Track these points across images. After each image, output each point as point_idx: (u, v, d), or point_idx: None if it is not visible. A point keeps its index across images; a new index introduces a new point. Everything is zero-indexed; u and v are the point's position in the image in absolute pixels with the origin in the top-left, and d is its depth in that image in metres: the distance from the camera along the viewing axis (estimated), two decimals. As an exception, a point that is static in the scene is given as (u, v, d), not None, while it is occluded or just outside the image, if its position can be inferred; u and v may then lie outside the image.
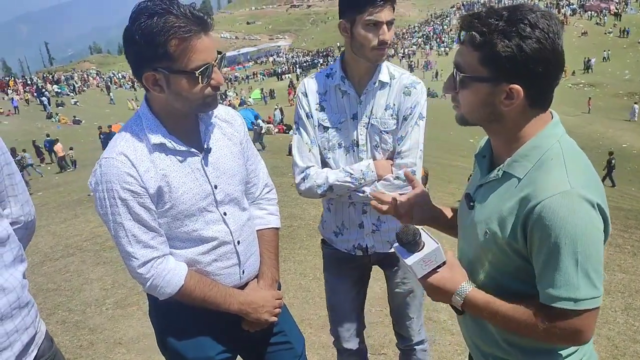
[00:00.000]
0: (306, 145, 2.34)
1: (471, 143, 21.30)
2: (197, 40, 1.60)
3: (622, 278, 5.27)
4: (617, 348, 3.86)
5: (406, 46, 75.03)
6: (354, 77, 2.29)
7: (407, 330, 2.58)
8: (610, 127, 31.45)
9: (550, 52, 1.25)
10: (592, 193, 1.24)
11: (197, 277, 1.81)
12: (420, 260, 1.42)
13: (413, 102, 2.27)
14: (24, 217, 1.76)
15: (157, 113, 1.76)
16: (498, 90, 1.31)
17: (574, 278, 1.24)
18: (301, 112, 2.36)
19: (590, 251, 1.23)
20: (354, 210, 2.38)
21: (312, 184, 2.29)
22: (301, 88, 2.40)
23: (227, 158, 1.89)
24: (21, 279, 1.58)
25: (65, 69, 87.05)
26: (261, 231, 2.08)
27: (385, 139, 2.30)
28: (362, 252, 2.43)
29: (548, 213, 1.23)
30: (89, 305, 5.07)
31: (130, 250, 1.72)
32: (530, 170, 1.33)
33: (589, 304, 1.26)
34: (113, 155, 1.68)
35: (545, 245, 1.25)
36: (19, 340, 1.53)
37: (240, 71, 79.21)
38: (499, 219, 1.35)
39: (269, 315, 1.94)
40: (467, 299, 1.41)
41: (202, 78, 1.64)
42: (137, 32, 1.57)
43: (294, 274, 5.49)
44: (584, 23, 65.36)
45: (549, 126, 1.36)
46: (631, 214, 9.91)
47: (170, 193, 1.74)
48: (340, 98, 2.33)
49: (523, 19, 1.25)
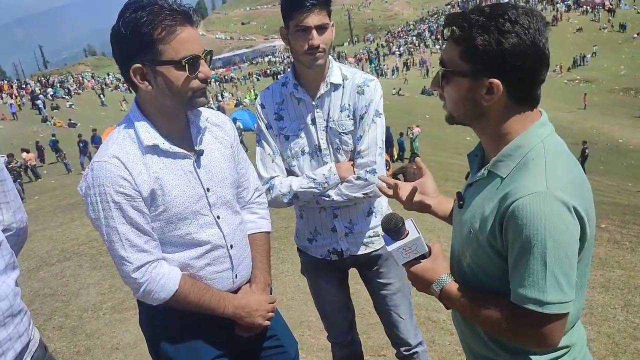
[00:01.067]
0: (269, 156, 2.35)
1: (468, 141, 21.30)
2: (183, 30, 1.61)
3: (620, 274, 5.26)
4: (617, 345, 3.84)
5: (401, 44, 75.09)
6: (306, 82, 2.30)
7: (402, 334, 2.54)
8: (605, 123, 31.56)
9: (529, 47, 1.25)
10: (570, 195, 1.23)
11: (191, 282, 1.79)
12: (401, 248, 1.50)
13: (367, 100, 2.28)
14: (16, 224, 1.75)
15: (148, 115, 1.74)
16: (478, 85, 1.31)
17: (542, 280, 1.23)
18: (261, 124, 2.37)
19: (560, 255, 1.21)
20: (325, 215, 2.39)
21: (277, 193, 2.31)
22: (259, 100, 2.42)
23: (218, 161, 1.87)
24: (14, 287, 1.57)
25: (60, 72, 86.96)
26: (253, 235, 2.06)
27: (345, 140, 2.31)
28: (337, 256, 2.43)
29: (521, 212, 1.22)
30: (86, 310, 5.05)
31: (124, 254, 1.69)
32: (513, 170, 1.33)
33: (556, 308, 1.24)
34: (105, 159, 1.66)
35: (517, 244, 1.25)
36: (12, 349, 1.51)
37: (236, 72, 79.21)
38: (481, 219, 1.35)
39: (263, 319, 1.93)
40: (444, 290, 1.46)
41: (190, 68, 1.63)
42: (123, 25, 1.59)
43: (292, 276, 5.46)
44: (579, 19, 65.52)
45: (534, 126, 1.35)
46: (628, 209, 9.91)
47: (163, 196, 1.72)
48: (296, 105, 2.34)
49: (503, 15, 1.26)
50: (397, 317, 2.52)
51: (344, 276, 2.63)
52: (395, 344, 2.62)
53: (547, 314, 1.25)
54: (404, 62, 60.08)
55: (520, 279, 1.26)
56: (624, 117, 33.55)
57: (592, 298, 4.66)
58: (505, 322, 1.32)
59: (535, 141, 1.33)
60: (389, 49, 73.60)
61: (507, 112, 1.34)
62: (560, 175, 1.26)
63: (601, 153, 24.74)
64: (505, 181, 1.33)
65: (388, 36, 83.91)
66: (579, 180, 1.31)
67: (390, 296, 2.50)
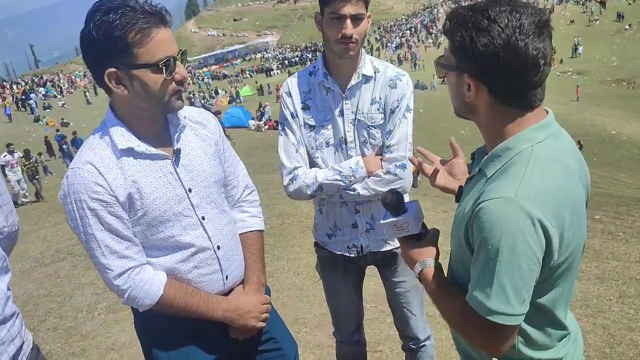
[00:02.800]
0: (293, 146, 2.30)
1: (462, 134, 21.31)
2: (157, 32, 1.57)
3: (615, 266, 5.27)
4: (613, 337, 3.85)
5: (393, 39, 75.00)
6: (337, 73, 2.25)
7: (412, 329, 2.54)
8: (598, 115, 31.61)
9: (501, 48, 1.20)
10: (538, 208, 1.18)
11: (177, 286, 1.75)
12: (392, 223, 1.55)
13: (399, 94, 2.23)
14: (8, 227, 1.74)
15: (122, 117, 1.70)
16: (461, 81, 1.31)
17: (488, 286, 1.22)
18: (286, 113, 2.32)
19: (512, 265, 1.18)
20: (347, 210, 2.33)
21: (300, 184, 2.25)
22: (285, 88, 2.36)
23: (200, 160, 1.82)
24: (6, 291, 1.56)
25: (52, 71, 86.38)
26: (244, 234, 2.02)
27: (373, 134, 2.26)
28: (357, 252, 2.39)
29: (483, 214, 1.21)
30: (81, 311, 5.02)
31: (105, 261, 1.66)
32: (497, 171, 1.30)
33: (498, 318, 1.22)
34: (79, 165, 1.63)
35: (476, 244, 1.25)
36: (5, 352, 1.51)
37: (228, 69, 78.96)
38: (462, 215, 1.36)
39: (256, 320, 1.89)
40: (422, 273, 1.50)
41: (166, 71, 1.59)
42: (94, 29, 1.53)
43: (287, 273, 5.45)
44: (571, 11, 65.62)
45: (528, 129, 1.29)
46: (622, 200, 9.95)
47: (141, 200, 1.68)
48: (324, 95, 2.28)
49: (484, 12, 1.22)
50: (408, 313, 2.51)
51: (361, 277, 2.58)
52: (403, 336, 2.62)
53: (490, 320, 1.23)
54: (398, 57, 59.96)
55: (473, 278, 1.27)
56: (617, 108, 33.63)
57: (587, 290, 4.67)
58: (460, 318, 1.34)
59: (525, 145, 1.28)
60: (382, 43, 73.47)
61: (494, 112, 1.31)
62: (534, 185, 1.21)
63: (594, 145, 24.78)
64: (488, 181, 1.31)
65: (381, 31, 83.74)
66: (559, 193, 1.23)
67: (404, 293, 2.48)
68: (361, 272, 2.57)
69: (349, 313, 2.61)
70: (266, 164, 12.48)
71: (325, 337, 3.99)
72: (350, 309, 2.60)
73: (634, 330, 3.95)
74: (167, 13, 1.61)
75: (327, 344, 3.89)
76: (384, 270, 2.51)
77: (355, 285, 2.57)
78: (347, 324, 2.63)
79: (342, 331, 2.67)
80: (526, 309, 1.24)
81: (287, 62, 73.10)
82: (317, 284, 5.06)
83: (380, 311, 4.30)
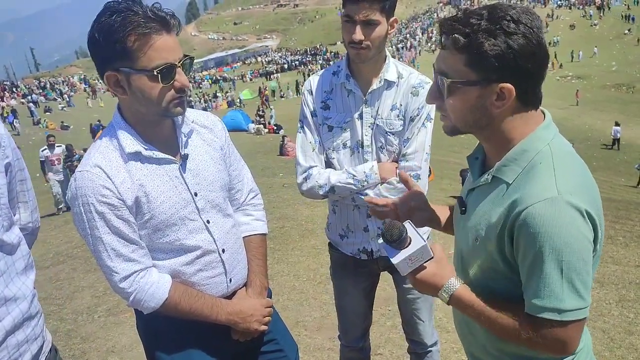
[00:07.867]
0: (310, 145, 2.28)
1: (463, 138, 21.31)
2: (158, 38, 1.55)
3: (615, 270, 5.28)
4: (612, 340, 3.86)
5: (394, 43, 75.09)
6: (360, 75, 2.21)
7: (420, 334, 2.53)
8: (598, 119, 31.68)
9: (537, 46, 1.22)
10: (581, 199, 1.20)
11: (182, 289, 1.76)
12: (407, 259, 1.39)
13: (421, 102, 2.19)
14: (32, 224, 1.75)
15: (130, 121, 1.70)
16: (488, 92, 1.26)
17: (559, 288, 1.21)
18: (306, 111, 2.30)
19: (576, 260, 1.19)
20: (359, 214, 2.32)
21: (313, 184, 2.24)
22: (307, 86, 2.33)
23: (207, 164, 1.83)
24: (32, 288, 1.55)
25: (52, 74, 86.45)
26: (248, 238, 2.03)
27: (390, 141, 2.22)
28: (367, 256, 2.37)
29: (533, 220, 1.19)
30: (81, 314, 5.01)
31: (111, 264, 1.67)
32: (520, 175, 1.29)
33: (574, 315, 1.23)
34: (87, 168, 1.63)
35: (530, 253, 1.21)
36: (29, 351, 1.51)
37: (228, 72, 79.00)
38: (488, 226, 1.32)
39: (259, 324, 1.90)
40: (454, 297, 1.39)
41: (163, 78, 1.58)
42: (97, 30, 1.54)
43: (287, 276, 5.45)
44: (571, 16, 65.77)
45: (539, 128, 1.31)
46: (621, 204, 9.97)
47: (148, 203, 1.68)
48: (345, 97, 2.25)
49: (505, 16, 1.21)
50: (417, 320, 2.50)
51: (374, 283, 2.55)
52: (411, 341, 2.61)
53: (567, 321, 1.23)
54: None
55: (535, 289, 1.23)
56: (617, 112, 33.65)
57: (587, 293, 4.68)
58: (523, 332, 1.28)
59: (541, 145, 1.29)
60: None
61: (515, 116, 1.30)
62: (570, 179, 1.23)
63: (594, 149, 24.81)
64: (512, 187, 1.28)
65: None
66: (589, 183, 1.28)
67: (414, 300, 2.46)
68: (374, 277, 2.54)
69: (357, 318, 2.58)
70: (266, 168, 12.49)
71: (326, 340, 3.99)
72: (359, 315, 2.57)
73: (634, 333, 3.96)
74: (173, 19, 1.59)
75: (328, 347, 3.89)
76: (395, 276, 2.49)
77: (367, 291, 2.54)
78: (354, 329, 2.61)
79: (347, 336, 2.63)
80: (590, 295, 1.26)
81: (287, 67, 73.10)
82: (317, 287, 5.06)
83: (381, 314, 4.29)
